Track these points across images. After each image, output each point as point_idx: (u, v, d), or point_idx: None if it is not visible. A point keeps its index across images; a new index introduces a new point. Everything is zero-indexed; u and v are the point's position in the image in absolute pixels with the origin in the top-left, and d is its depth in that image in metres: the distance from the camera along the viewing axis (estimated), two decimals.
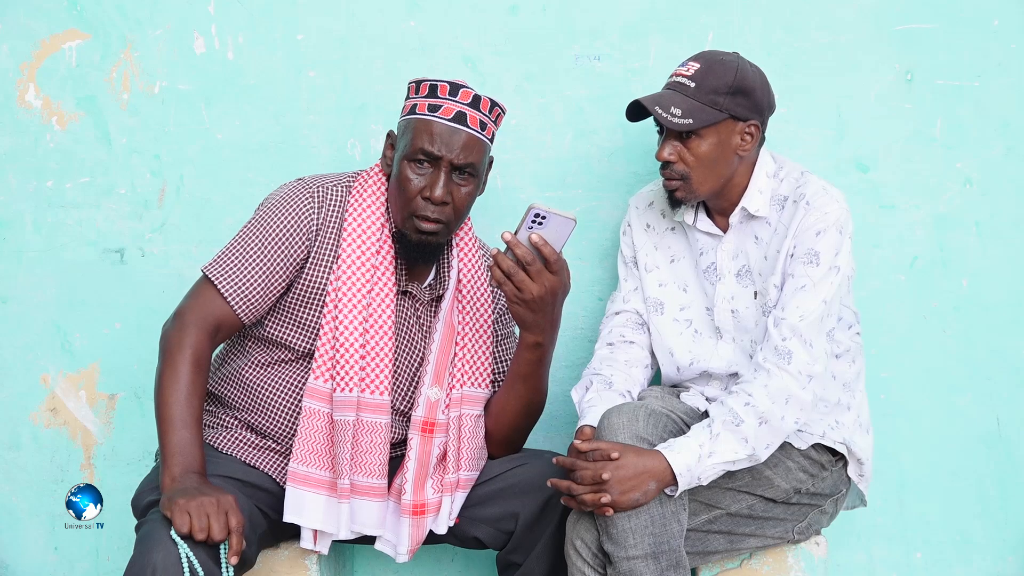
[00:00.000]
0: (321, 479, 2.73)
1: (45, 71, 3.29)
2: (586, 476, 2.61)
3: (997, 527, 3.27)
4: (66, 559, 3.30)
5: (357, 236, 2.77)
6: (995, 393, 3.27)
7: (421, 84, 2.78)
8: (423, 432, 2.78)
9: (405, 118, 2.79)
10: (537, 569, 2.81)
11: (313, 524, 2.73)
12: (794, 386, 2.68)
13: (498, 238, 3.18)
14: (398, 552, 2.77)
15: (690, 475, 2.62)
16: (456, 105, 2.74)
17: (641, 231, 3.00)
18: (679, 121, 2.72)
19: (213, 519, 2.45)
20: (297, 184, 2.82)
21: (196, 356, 2.65)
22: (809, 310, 2.71)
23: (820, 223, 2.74)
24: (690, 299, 2.93)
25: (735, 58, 2.80)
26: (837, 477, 2.88)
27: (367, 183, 2.82)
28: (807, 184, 2.80)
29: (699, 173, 2.78)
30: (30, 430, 3.30)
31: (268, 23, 3.29)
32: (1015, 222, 3.27)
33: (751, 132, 2.79)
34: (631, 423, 2.68)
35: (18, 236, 3.30)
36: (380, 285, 2.77)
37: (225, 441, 2.81)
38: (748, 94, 2.77)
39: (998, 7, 3.25)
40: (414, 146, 2.73)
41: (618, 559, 2.62)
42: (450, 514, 2.80)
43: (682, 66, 2.80)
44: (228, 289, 2.72)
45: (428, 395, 2.78)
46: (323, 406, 2.73)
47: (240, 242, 2.76)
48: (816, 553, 2.90)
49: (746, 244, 2.85)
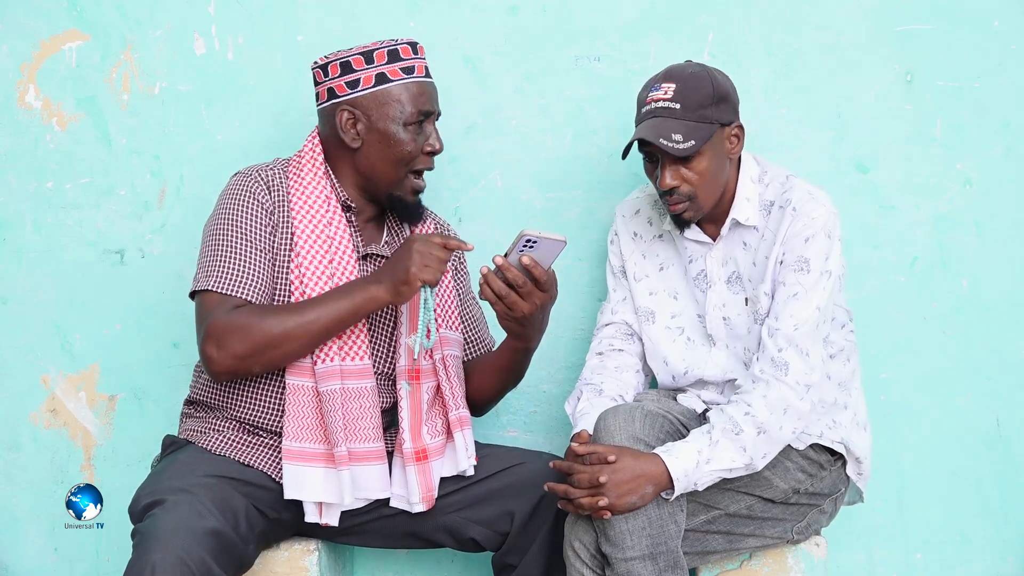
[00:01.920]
0: (316, 452, 2.75)
1: (45, 72, 3.29)
2: (583, 480, 2.62)
3: (997, 527, 3.27)
4: (66, 560, 3.30)
5: (307, 212, 2.82)
6: (995, 393, 3.27)
7: (374, 53, 2.81)
8: (411, 380, 2.82)
9: (381, 88, 2.81)
10: (533, 570, 2.82)
11: (314, 497, 2.74)
12: (792, 396, 2.68)
13: (498, 240, 3.19)
14: (412, 503, 2.79)
15: (687, 480, 2.62)
16: (421, 61, 2.86)
17: (629, 240, 2.99)
18: (684, 146, 2.69)
19: (431, 255, 2.65)
20: (240, 176, 2.85)
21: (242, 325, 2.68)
22: (803, 318, 2.71)
23: (808, 229, 2.74)
24: (681, 306, 2.93)
25: (700, 68, 2.78)
26: (836, 476, 2.88)
27: (302, 163, 2.87)
28: (793, 189, 2.79)
29: (704, 190, 2.77)
30: (30, 431, 3.30)
31: (268, 24, 3.29)
32: (1015, 222, 3.26)
33: (736, 134, 2.79)
34: (627, 424, 2.68)
35: (18, 237, 3.30)
36: (340, 253, 2.80)
37: (217, 443, 2.81)
38: (727, 99, 2.77)
39: (998, 7, 3.25)
40: (414, 110, 2.81)
41: (616, 560, 2.62)
42: (467, 451, 2.83)
43: (655, 90, 2.76)
44: (233, 288, 2.72)
45: (408, 343, 2.82)
46: (307, 380, 2.75)
47: (216, 246, 2.77)
48: (816, 554, 2.91)
49: (735, 250, 2.85)
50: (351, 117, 2.83)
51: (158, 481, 2.68)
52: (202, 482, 2.65)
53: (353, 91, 2.82)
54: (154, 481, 2.70)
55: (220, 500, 2.62)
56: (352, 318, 2.71)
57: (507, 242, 3.27)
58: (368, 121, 2.82)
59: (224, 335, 2.67)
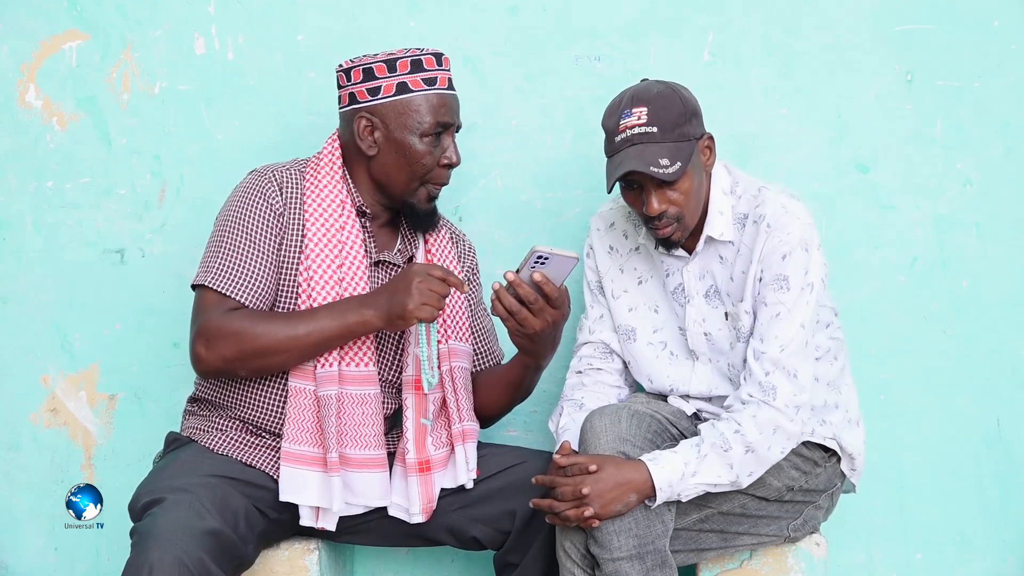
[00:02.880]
0: (314, 456, 2.75)
1: (45, 71, 3.29)
2: (566, 492, 2.61)
3: (997, 527, 3.27)
4: (66, 559, 3.30)
5: (319, 215, 2.81)
6: (995, 394, 3.27)
7: (397, 61, 2.80)
8: (416, 390, 2.81)
9: (401, 97, 2.79)
10: (534, 569, 2.82)
11: (309, 501, 2.74)
12: (782, 419, 2.67)
13: (498, 239, 3.18)
14: (411, 513, 2.79)
15: (671, 490, 2.62)
16: (445, 73, 2.84)
17: (605, 254, 2.96)
18: (672, 170, 2.65)
19: (430, 293, 2.63)
20: (255, 174, 2.84)
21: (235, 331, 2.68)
22: (788, 339, 2.68)
23: (784, 246, 2.70)
24: (662, 320, 2.91)
25: (663, 85, 2.73)
26: (832, 472, 2.87)
27: (320, 164, 2.86)
28: (765, 203, 2.75)
29: (689, 209, 2.73)
30: (30, 430, 3.30)
31: (268, 24, 3.29)
32: (1015, 223, 3.26)
33: (709, 145, 2.76)
34: (613, 425, 2.68)
35: (18, 236, 3.30)
36: (351, 259, 2.79)
37: (220, 442, 2.81)
38: (696, 112, 2.73)
39: (998, 8, 3.25)
40: (432, 122, 2.79)
41: (604, 561, 2.62)
42: (467, 465, 2.82)
43: (626, 117, 2.68)
44: (232, 289, 2.73)
45: (417, 353, 2.80)
46: (308, 384, 2.75)
47: (221, 242, 2.77)
48: (816, 553, 2.90)
49: (711, 264, 2.82)
50: (369, 124, 2.81)
51: (158, 480, 2.69)
52: (202, 481, 2.65)
53: (373, 98, 2.81)
54: (154, 479, 2.70)
55: (219, 500, 2.62)
56: (341, 339, 2.71)
57: (507, 241, 3.29)
58: (386, 129, 2.81)
59: (215, 337, 2.68)
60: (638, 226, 2.91)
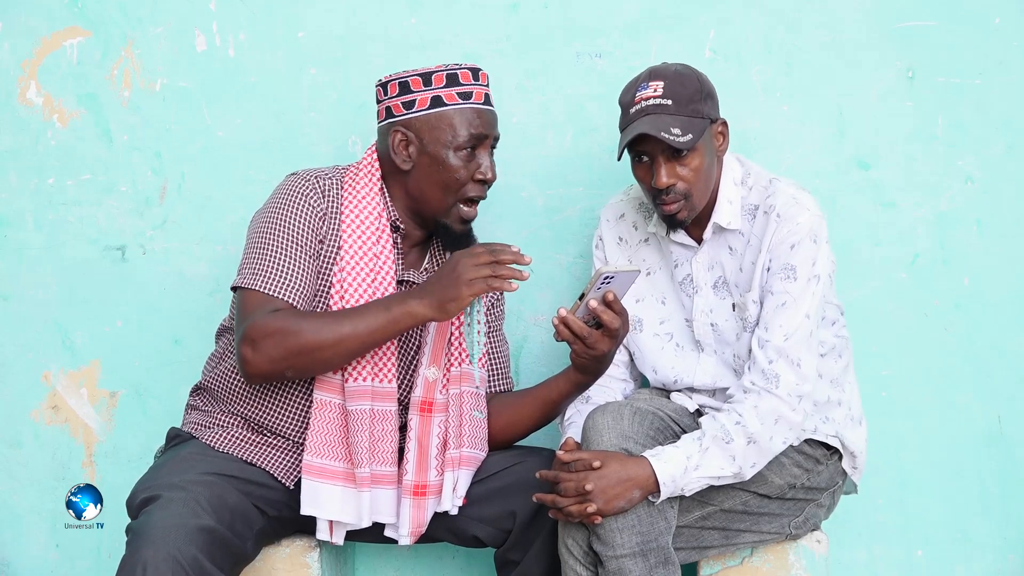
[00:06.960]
0: (336, 470, 2.74)
1: (46, 68, 3.29)
2: (569, 488, 2.61)
3: (998, 525, 3.26)
4: (67, 557, 3.30)
5: (356, 227, 2.79)
6: (996, 391, 3.26)
7: (432, 75, 2.79)
8: (421, 412, 2.80)
9: (436, 111, 2.78)
10: (535, 567, 2.81)
11: (331, 515, 2.74)
12: (784, 408, 2.67)
13: (499, 237, 3.19)
14: (400, 534, 2.78)
15: (674, 485, 2.62)
16: (481, 88, 2.82)
17: (614, 245, 2.97)
18: (684, 139, 2.67)
19: (478, 267, 2.61)
20: (297, 177, 2.82)
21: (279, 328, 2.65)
22: (793, 328, 2.69)
23: (793, 236, 2.72)
24: (669, 312, 2.92)
25: (682, 66, 2.77)
26: (833, 470, 2.87)
27: (359, 175, 2.84)
28: (776, 194, 2.77)
29: (698, 188, 2.74)
30: (31, 428, 3.31)
31: (269, 21, 3.29)
32: (1016, 220, 3.26)
33: (723, 131, 2.78)
34: (616, 422, 2.68)
35: (19, 234, 3.30)
36: (382, 275, 2.79)
37: (221, 440, 2.82)
38: (712, 95, 2.76)
39: (999, 5, 3.25)
40: (467, 135, 2.78)
41: (606, 558, 2.62)
42: (455, 492, 2.80)
43: (642, 89, 2.72)
44: (275, 288, 2.70)
45: (426, 375, 2.80)
46: (335, 397, 2.74)
47: (262, 243, 2.75)
48: (817, 551, 2.90)
49: (720, 255, 2.84)
50: (404, 139, 2.80)
51: (156, 477, 2.69)
52: (199, 479, 2.65)
53: (408, 112, 2.80)
54: (152, 476, 2.70)
55: (216, 497, 2.62)
56: (388, 333, 2.67)
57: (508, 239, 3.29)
58: (420, 144, 2.79)
59: (261, 338, 2.64)
60: (647, 217, 2.92)
